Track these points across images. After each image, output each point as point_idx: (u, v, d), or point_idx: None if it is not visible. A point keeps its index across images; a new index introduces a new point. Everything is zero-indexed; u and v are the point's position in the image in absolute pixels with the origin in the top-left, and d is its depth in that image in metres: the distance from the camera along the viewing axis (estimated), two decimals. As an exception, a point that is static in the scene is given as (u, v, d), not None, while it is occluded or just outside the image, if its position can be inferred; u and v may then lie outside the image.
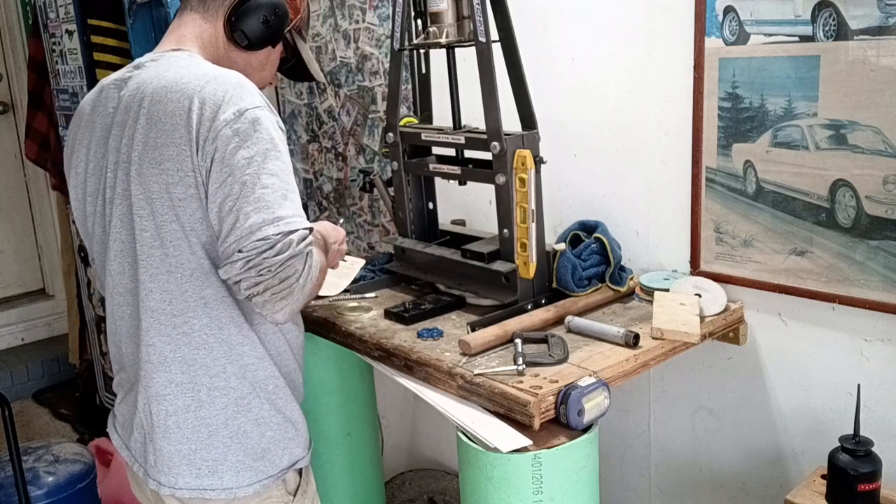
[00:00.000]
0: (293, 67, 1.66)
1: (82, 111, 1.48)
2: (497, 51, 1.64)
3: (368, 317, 1.76)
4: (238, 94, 1.30)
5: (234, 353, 1.38)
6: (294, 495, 1.49)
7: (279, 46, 1.57)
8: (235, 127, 1.27)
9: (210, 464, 1.40)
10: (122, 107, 1.38)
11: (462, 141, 1.74)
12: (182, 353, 1.37)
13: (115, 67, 2.48)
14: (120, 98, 1.40)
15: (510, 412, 1.37)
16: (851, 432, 1.47)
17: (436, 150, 1.88)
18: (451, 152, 1.85)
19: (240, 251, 1.25)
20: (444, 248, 1.84)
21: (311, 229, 1.31)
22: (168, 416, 1.39)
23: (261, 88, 1.57)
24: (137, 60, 1.46)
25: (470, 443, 1.38)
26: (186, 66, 1.37)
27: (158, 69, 1.38)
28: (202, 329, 1.36)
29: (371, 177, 2.03)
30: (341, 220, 1.79)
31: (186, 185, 1.30)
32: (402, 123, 1.87)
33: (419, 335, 1.62)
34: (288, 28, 1.54)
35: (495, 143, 1.62)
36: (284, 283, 1.26)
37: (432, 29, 1.68)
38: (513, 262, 1.67)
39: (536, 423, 1.34)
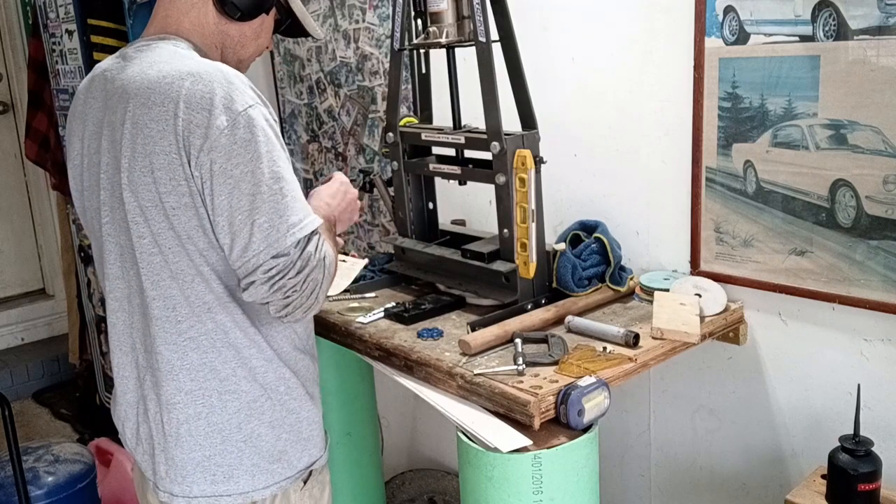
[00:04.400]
0: (290, 26, 1.58)
1: (76, 101, 1.45)
2: (497, 51, 1.64)
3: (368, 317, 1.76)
4: (228, 94, 1.24)
5: (241, 357, 1.36)
6: (305, 482, 1.47)
7: (273, 10, 1.48)
8: (232, 135, 1.23)
9: (225, 469, 1.38)
10: (110, 105, 1.34)
11: (462, 141, 1.74)
12: (190, 359, 1.35)
13: (115, 67, 2.47)
14: (107, 92, 1.35)
15: (510, 412, 1.37)
16: (851, 432, 1.47)
17: (436, 150, 1.88)
18: (451, 152, 1.85)
19: (259, 267, 1.24)
20: (444, 248, 1.84)
21: (320, 226, 1.31)
22: (180, 424, 1.37)
23: (257, 56, 1.53)
24: (124, 49, 1.40)
25: (470, 443, 1.38)
26: (169, 60, 1.31)
27: (142, 65, 1.32)
28: (208, 334, 1.34)
29: (371, 177, 2.03)
30: (335, 171, 1.72)
31: (180, 195, 1.27)
32: (402, 123, 1.87)
33: (419, 335, 1.62)
34: None
35: (495, 143, 1.62)
36: (311, 296, 1.29)
37: (432, 29, 1.68)
38: (513, 262, 1.67)
39: (536, 423, 1.34)
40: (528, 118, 1.72)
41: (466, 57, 1.71)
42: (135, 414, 1.45)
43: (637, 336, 1.52)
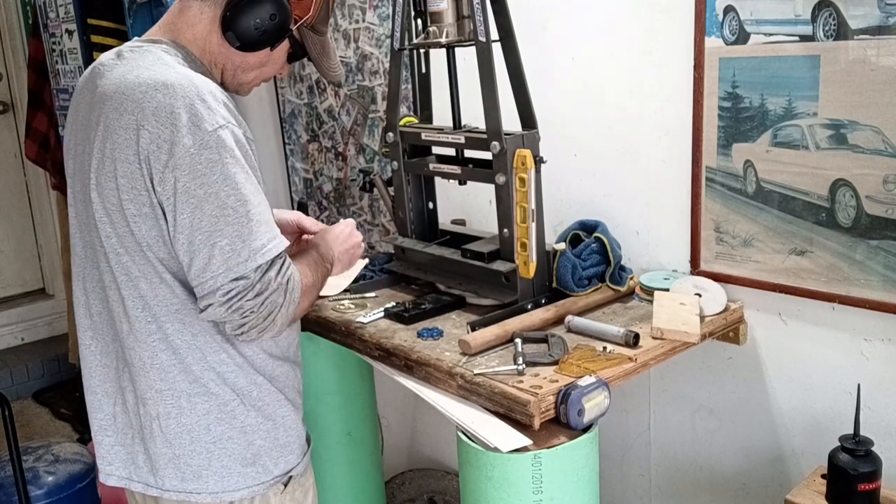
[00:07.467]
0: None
1: (76, 89, 1.44)
2: (497, 50, 1.64)
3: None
4: (197, 112, 1.22)
5: (208, 362, 1.36)
6: (285, 485, 1.47)
7: (284, 44, 1.44)
8: (199, 154, 1.22)
9: (194, 469, 1.38)
10: (95, 102, 1.34)
11: (462, 141, 1.74)
12: (160, 359, 1.35)
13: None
14: (96, 88, 1.35)
15: (510, 412, 1.37)
16: (851, 432, 1.47)
17: (436, 150, 1.88)
18: (451, 152, 1.84)
19: (218, 290, 1.23)
20: (444, 248, 1.84)
21: (286, 248, 1.30)
22: (152, 419, 1.38)
23: (262, 82, 1.52)
24: (122, 47, 1.39)
25: (470, 442, 1.38)
26: (150, 67, 1.30)
27: (128, 66, 1.32)
28: (175, 335, 1.34)
29: (371, 177, 2.03)
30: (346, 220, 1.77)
31: (140, 204, 1.27)
32: (402, 123, 1.87)
33: (419, 335, 1.62)
34: (296, 26, 1.43)
35: (495, 143, 1.62)
36: (268, 318, 1.27)
37: (432, 28, 1.68)
38: (513, 261, 1.66)
39: (536, 423, 1.34)
40: (528, 118, 1.72)
41: (466, 57, 1.71)
42: (112, 404, 1.44)
43: (637, 336, 1.52)
